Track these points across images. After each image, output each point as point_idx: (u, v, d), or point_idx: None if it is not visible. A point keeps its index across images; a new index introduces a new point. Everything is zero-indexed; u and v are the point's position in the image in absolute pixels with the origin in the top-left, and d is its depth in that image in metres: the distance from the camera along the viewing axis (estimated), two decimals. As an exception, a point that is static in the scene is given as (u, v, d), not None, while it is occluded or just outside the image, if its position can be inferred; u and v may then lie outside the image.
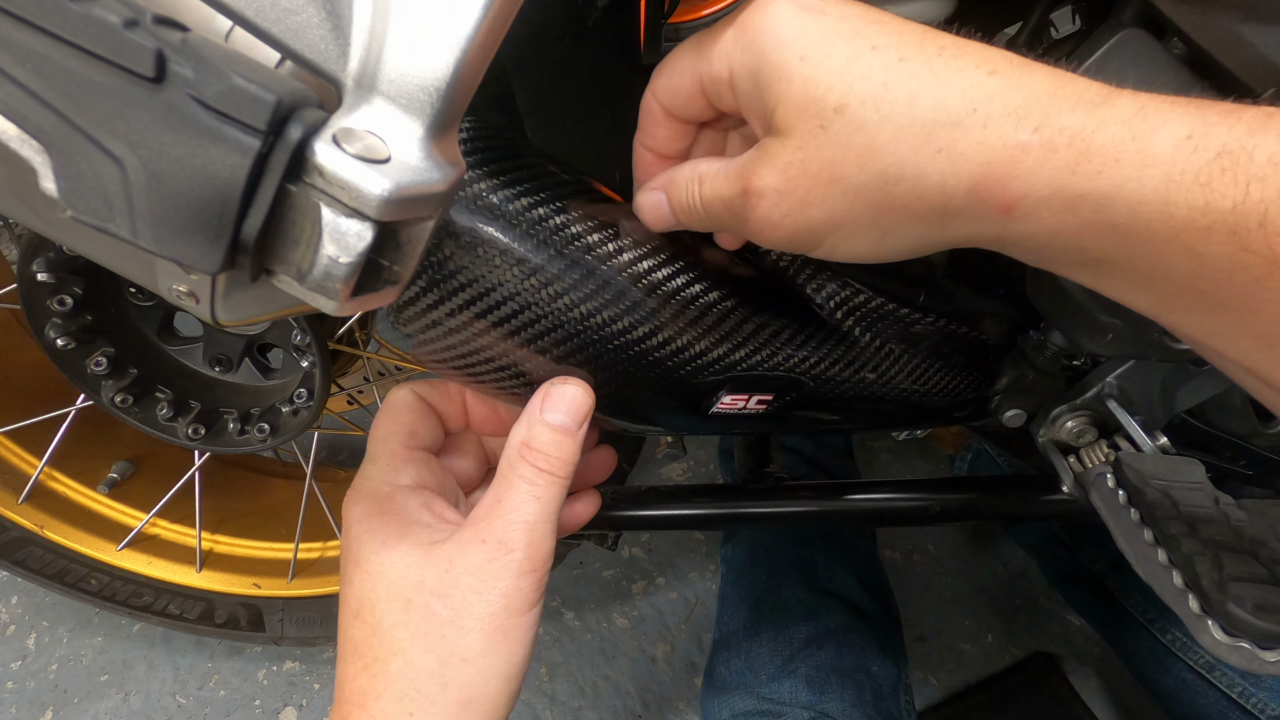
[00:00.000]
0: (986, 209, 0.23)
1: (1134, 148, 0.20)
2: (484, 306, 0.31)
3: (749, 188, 0.26)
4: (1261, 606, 0.34)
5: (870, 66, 0.23)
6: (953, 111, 0.22)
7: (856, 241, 0.26)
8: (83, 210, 0.18)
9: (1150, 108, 0.21)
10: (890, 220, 0.25)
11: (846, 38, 0.24)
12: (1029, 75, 0.22)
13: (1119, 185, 0.21)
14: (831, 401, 0.41)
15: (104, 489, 0.78)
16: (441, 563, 0.30)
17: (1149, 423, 0.47)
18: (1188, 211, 0.20)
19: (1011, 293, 0.45)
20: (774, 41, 0.24)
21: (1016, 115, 0.22)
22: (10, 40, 0.17)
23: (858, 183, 0.24)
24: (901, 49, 0.23)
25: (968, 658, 0.97)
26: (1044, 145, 0.21)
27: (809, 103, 0.24)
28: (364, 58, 0.21)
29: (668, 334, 0.33)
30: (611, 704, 0.92)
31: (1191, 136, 0.20)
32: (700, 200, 0.29)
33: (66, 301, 0.55)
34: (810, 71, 0.24)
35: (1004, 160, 0.22)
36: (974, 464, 1.04)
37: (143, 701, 0.91)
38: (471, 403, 0.37)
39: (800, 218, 0.26)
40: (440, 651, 0.29)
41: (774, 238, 0.27)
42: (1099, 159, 0.21)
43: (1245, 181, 0.19)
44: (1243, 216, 0.19)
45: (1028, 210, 0.22)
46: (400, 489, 0.33)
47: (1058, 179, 0.21)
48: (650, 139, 0.31)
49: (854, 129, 0.23)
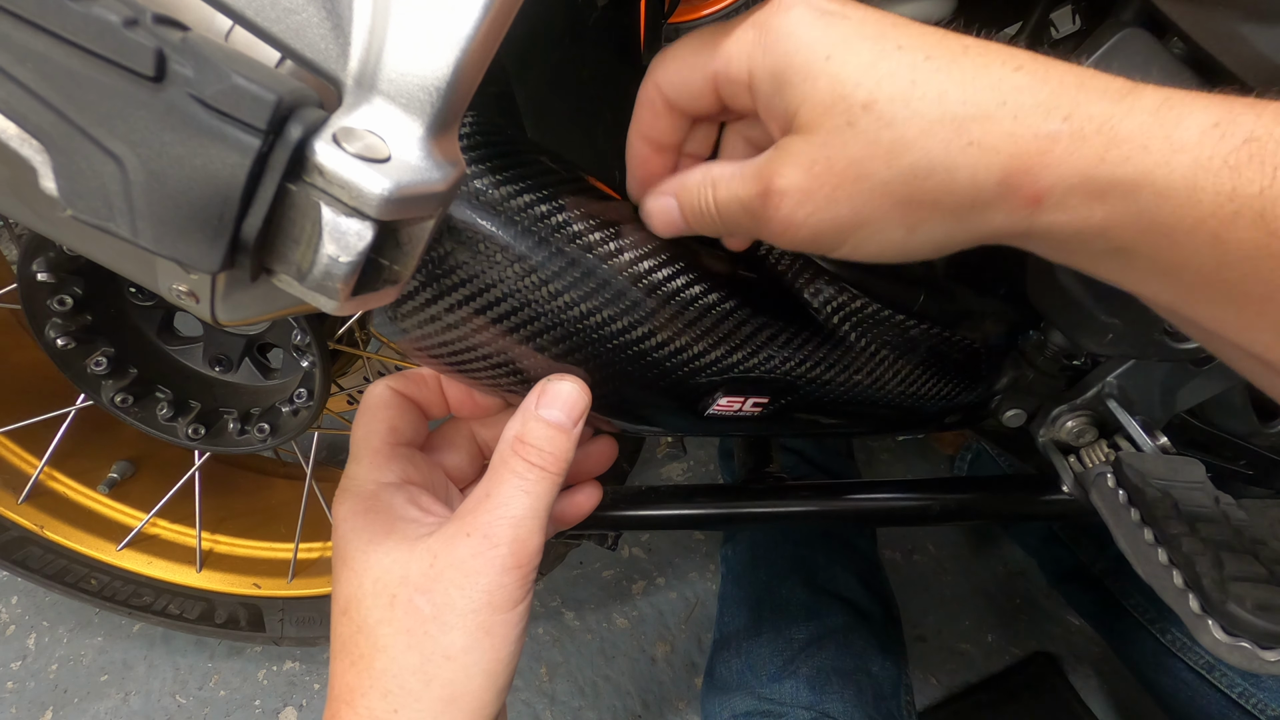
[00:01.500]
0: (1016, 201, 0.23)
1: (1161, 134, 0.21)
2: (482, 302, 0.31)
3: (771, 188, 0.26)
4: (1261, 606, 0.34)
5: (897, 65, 0.23)
6: (982, 106, 0.22)
7: (882, 239, 0.26)
8: (83, 210, 0.18)
9: (1175, 98, 0.21)
10: (917, 216, 0.25)
11: (871, 38, 0.24)
12: (1054, 70, 0.23)
13: (1146, 171, 0.21)
14: (827, 405, 0.41)
15: (104, 489, 0.78)
16: (427, 557, 0.30)
17: (1149, 422, 0.47)
18: (1214, 197, 0.20)
19: (1011, 293, 0.45)
20: (796, 44, 0.24)
21: (1045, 106, 0.22)
22: (10, 40, 0.17)
23: (885, 178, 0.24)
24: (927, 49, 0.24)
25: (968, 658, 0.97)
26: (1073, 134, 0.22)
27: (836, 100, 0.24)
28: (364, 57, 0.21)
29: (664, 334, 0.33)
30: (611, 704, 0.92)
31: (1218, 125, 0.20)
32: (714, 204, 0.29)
33: (66, 301, 0.55)
34: (836, 70, 0.24)
35: (1034, 151, 0.22)
36: (974, 464, 1.04)
37: (143, 701, 0.91)
38: (447, 388, 0.37)
39: (825, 216, 0.25)
40: (423, 648, 0.29)
41: (797, 237, 0.27)
42: (1127, 145, 0.21)
43: (1273, 168, 0.19)
44: (1270, 201, 0.19)
45: (1056, 200, 0.22)
46: (385, 486, 0.33)
47: (1086, 167, 0.22)
48: (650, 130, 0.31)
49: (883, 125, 0.23)
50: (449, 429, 0.39)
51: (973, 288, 0.45)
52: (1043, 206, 0.23)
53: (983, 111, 0.22)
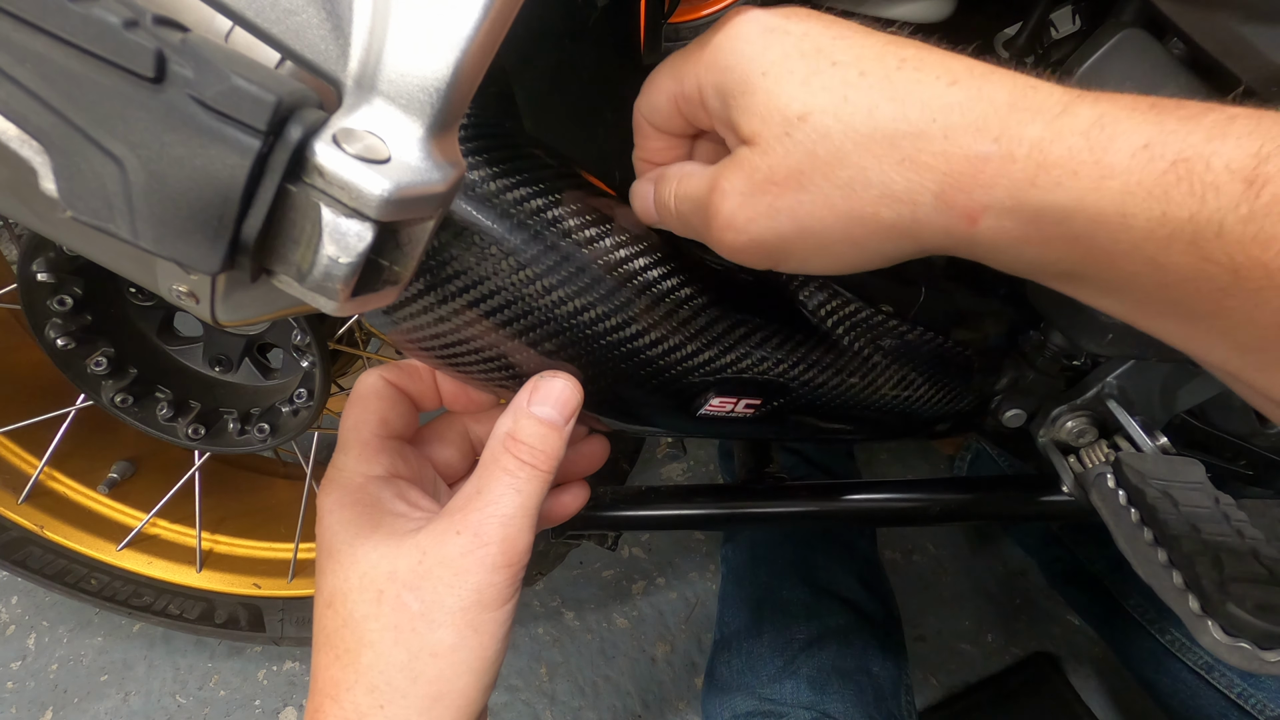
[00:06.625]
0: (953, 218, 0.23)
1: (1090, 159, 0.20)
2: (474, 295, 0.31)
3: (716, 186, 0.26)
4: (1261, 606, 0.34)
5: (830, 81, 0.24)
6: (913, 122, 0.22)
7: (829, 253, 0.26)
8: (83, 210, 0.18)
9: (1109, 116, 0.20)
10: (862, 229, 0.25)
11: (808, 55, 0.24)
12: (990, 85, 0.22)
13: (1078, 198, 0.20)
14: (820, 409, 0.41)
15: (104, 489, 0.78)
16: (415, 553, 0.30)
17: (1149, 423, 0.47)
18: (1146, 223, 0.19)
19: (1011, 293, 0.45)
20: (736, 59, 0.25)
21: (976, 126, 0.22)
22: (10, 40, 0.17)
23: (825, 191, 0.24)
24: (862, 64, 0.24)
25: (968, 658, 0.97)
26: (1003, 156, 0.21)
27: (772, 111, 0.24)
28: (364, 58, 0.21)
29: (657, 332, 0.33)
30: (611, 704, 0.92)
31: (1148, 146, 0.20)
32: (674, 198, 0.29)
33: (66, 301, 0.55)
34: (772, 86, 0.24)
35: (966, 171, 0.22)
36: (974, 464, 1.04)
37: (143, 701, 0.91)
38: (440, 380, 0.37)
39: (767, 224, 0.26)
40: (410, 645, 0.29)
41: (738, 242, 0.27)
42: (1056, 171, 0.21)
43: (1201, 191, 0.19)
44: (1200, 226, 0.19)
45: (992, 221, 0.22)
46: (373, 479, 0.33)
47: (1018, 191, 0.21)
48: (645, 152, 0.32)
49: (819, 136, 0.24)
50: (441, 423, 0.38)
51: (972, 287, 0.45)
52: (980, 225, 0.22)
53: (914, 129, 0.22)
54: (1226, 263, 0.19)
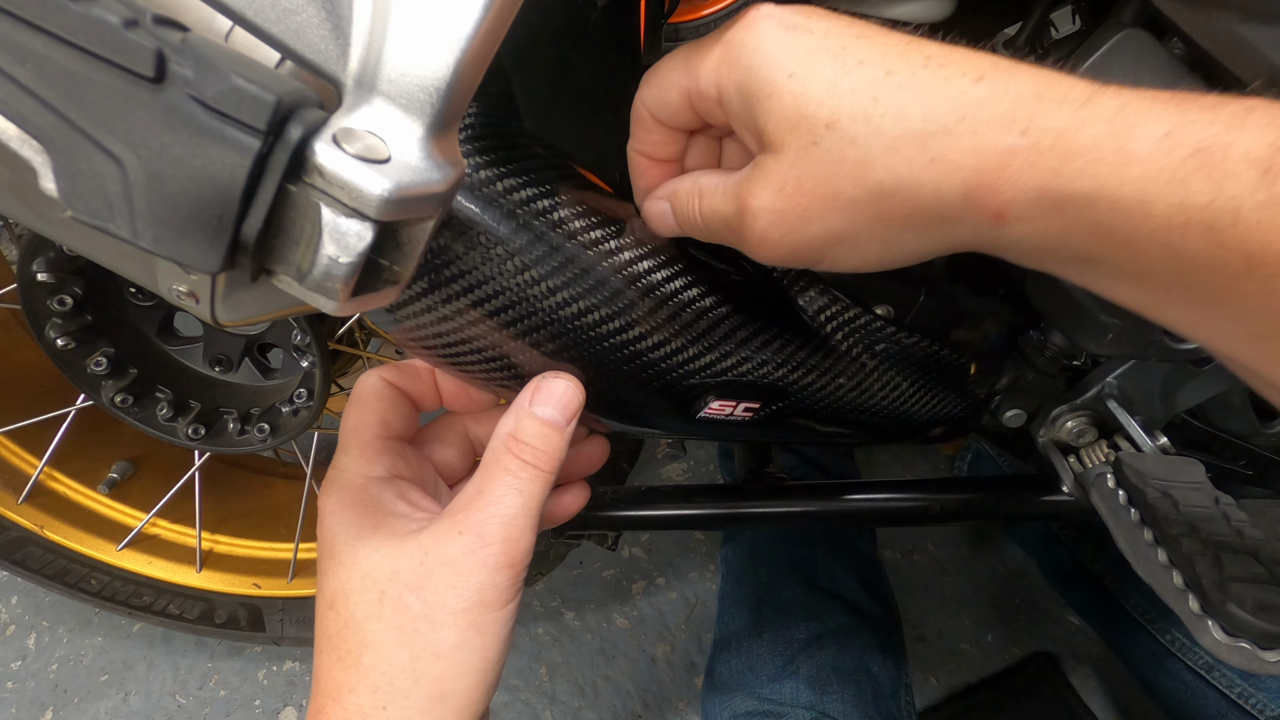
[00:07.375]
0: (981, 214, 0.23)
1: (1113, 146, 0.21)
2: (477, 295, 0.30)
3: (745, 207, 0.26)
4: (1261, 606, 0.34)
5: (858, 81, 0.23)
6: (942, 121, 0.23)
7: (861, 253, 0.26)
8: (83, 210, 0.18)
9: (1132, 105, 0.21)
10: (891, 230, 0.25)
11: (833, 54, 0.24)
12: (1015, 79, 0.23)
13: (1101, 184, 0.21)
14: (819, 413, 0.41)
15: (104, 489, 0.78)
16: (417, 554, 0.30)
17: (1149, 423, 0.47)
18: (1165, 209, 0.20)
19: (1011, 293, 0.45)
20: (760, 59, 0.25)
21: (1003, 120, 0.22)
22: (10, 40, 0.17)
23: (854, 197, 0.24)
24: (888, 62, 0.24)
25: (968, 658, 0.97)
26: (1030, 148, 0.22)
27: (800, 119, 0.24)
28: (364, 58, 0.21)
29: (659, 335, 0.33)
30: (611, 704, 0.92)
31: (1170, 134, 0.20)
32: (700, 215, 0.29)
33: (66, 301, 0.55)
34: (799, 88, 0.24)
35: (994, 166, 0.22)
36: (974, 464, 1.04)
37: (143, 701, 0.91)
38: (441, 380, 0.37)
39: (800, 235, 0.26)
40: (412, 645, 0.29)
41: (774, 255, 0.27)
42: (1081, 159, 0.21)
43: (1219, 178, 0.19)
44: (1217, 213, 0.19)
45: (1018, 214, 0.22)
46: (373, 480, 0.33)
47: (1044, 181, 0.22)
48: (642, 145, 0.31)
49: (846, 143, 0.24)
50: (441, 423, 0.38)
51: (972, 288, 0.45)
52: (1007, 219, 0.23)
53: (942, 127, 0.23)
54: (1241, 249, 0.19)
